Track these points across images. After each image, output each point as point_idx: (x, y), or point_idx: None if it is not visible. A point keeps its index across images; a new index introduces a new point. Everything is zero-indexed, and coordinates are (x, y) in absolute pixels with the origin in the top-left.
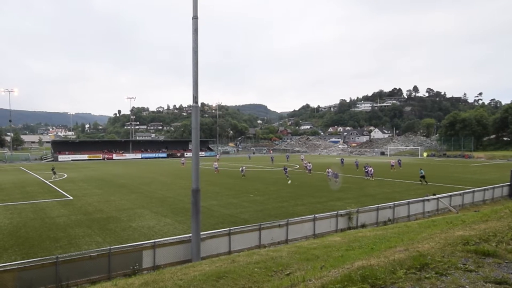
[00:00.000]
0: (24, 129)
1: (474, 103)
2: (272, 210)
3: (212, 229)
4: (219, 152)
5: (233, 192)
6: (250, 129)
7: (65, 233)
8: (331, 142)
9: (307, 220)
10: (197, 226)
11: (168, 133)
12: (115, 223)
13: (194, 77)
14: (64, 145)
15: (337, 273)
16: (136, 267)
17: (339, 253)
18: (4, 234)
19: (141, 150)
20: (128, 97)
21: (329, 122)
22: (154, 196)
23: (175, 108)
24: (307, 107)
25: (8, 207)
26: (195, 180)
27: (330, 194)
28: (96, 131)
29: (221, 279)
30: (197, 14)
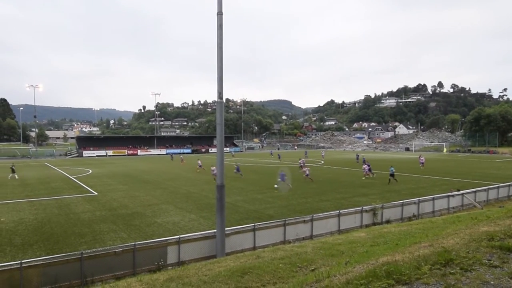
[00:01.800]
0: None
1: (499, 99)
2: (297, 206)
3: (237, 224)
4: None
5: (258, 188)
6: (275, 124)
7: (90, 228)
8: (356, 138)
9: (331, 215)
10: (222, 221)
11: (193, 129)
12: (140, 219)
13: (219, 73)
14: (89, 141)
15: (362, 269)
16: (161, 263)
17: (364, 248)
18: (29, 230)
19: (165, 146)
20: (153, 93)
21: (354, 118)
22: (179, 191)
23: (200, 103)
24: (332, 103)
25: (33, 203)
26: (220, 175)
27: (355, 190)
28: (121, 126)
29: (246, 274)
30: (221, 9)
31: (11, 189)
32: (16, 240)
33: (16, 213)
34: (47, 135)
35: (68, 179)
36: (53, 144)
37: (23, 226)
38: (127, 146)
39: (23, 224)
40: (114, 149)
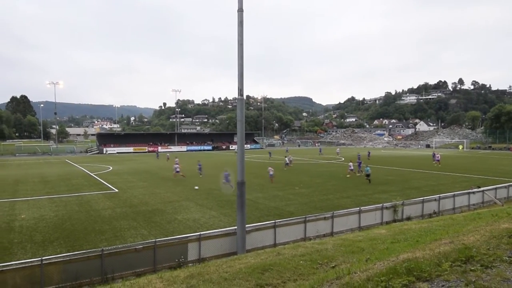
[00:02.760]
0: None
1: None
2: (318, 203)
3: (258, 221)
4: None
5: (278, 185)
6: (296, 121)
7: (110, 225)
8: (377, 134)
9: (352, 212)
10: (242, 218)
11: (213, 126)
12: (161, 216)
13: (239, 69)
14: (109, 138)
15: (382, 266)
16: (181, 260)
17: (384, 245)
18: (50, 226)
19: (186, 142)
20: (173, 90)
21: (374, 115)
22: (200, 188)
23: (220, 100)
24: (352, 100)
25: (53, 200)
26: (241, 172)
27: (375, 186)
28: (142, 123)
29: (266, 271)
30: (242, 6)
31: (31, 186)
32: (36, 237)
33: (36, 210)
34: (68, 132)
35: (89, 176)
36: (74, 141)
37: (44, 223)
38: (147, 143)
39: (43, 221)
40: (134, 146)
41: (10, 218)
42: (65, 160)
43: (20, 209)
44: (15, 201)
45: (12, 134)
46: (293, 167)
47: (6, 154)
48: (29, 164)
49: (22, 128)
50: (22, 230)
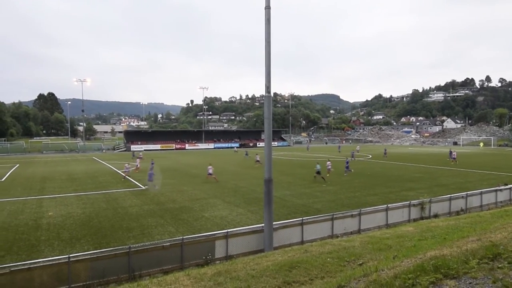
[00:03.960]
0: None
1: None
2: (345, 200)
3: (285, 219)
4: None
5: (305, 182)
6: (323, 119)
7: (138, 223)
8: (404, 132)
9: (379, 210)
10: (269, 216)
11: (241, 123)
12: (188, 213)
13: (266, 67)
14: (137, 135)
15: (409, 263)
16: (208, 257)
17: (411, 243)
18: (77, 224)
19: (213, 140)
20: (200, 87)
21: (401, 112)
22: (227, 186)
23: (248, 98)
24: (380, 97)
25: (81, 197)
26: (268, 170)
27: (402, 184)
28: (169, 121)
29: (293, 269)
30: (269, 4)
31: (59, 183)
32: (64, 234)
33: (64, 207)
34: (95, 129)
35: (116, 174)
36: (101, 139)
37: (71, 220)
38: (175, 140)
39: (71, 218)
40: (162, 143)
41: (38, 215)
42: (93, 157)
43: (48, 207)
44: (43, 198)
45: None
46: (321, 164)
47: (34, 151)
48: (56, 161)
49: (49, 126)
50: (49, 228)
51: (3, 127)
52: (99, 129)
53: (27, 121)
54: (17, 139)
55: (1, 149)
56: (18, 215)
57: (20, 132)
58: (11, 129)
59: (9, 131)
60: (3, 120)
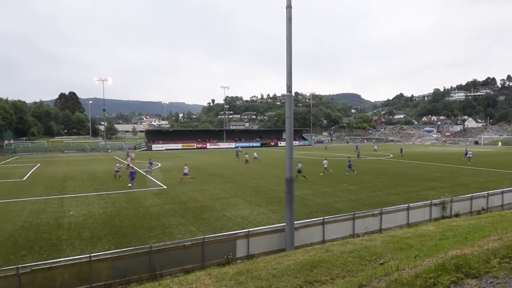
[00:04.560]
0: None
1: None
2: (366, 199)
3: (306, 218)
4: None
5: (326, 181)
6: (344, 118)
7: (159, 222)
8: (425, 131)
9: (400, 209)
10: (291, 215)
11: (262, 122)
12: (209, 212)
13: (288, 66)
14: (158, 134)
15: (431, 262)
16: (230, 256)
17: (432, 242)
18: (98, 223)
19: (234, 139)
20: (222, 87)
21: (422, 111)
22: (248, 185)
23: (269, 97)
24: (401, 96)
25: (102, 196)
26: (289, 169)
27: (423, 183)
28: (190, 120)
29: (315, 268)
30: (291, 3)
31: (80, 182)
32: (85, 233)
33: (85, 206)
34: (116, 128)
35: (137, 173)
36: (122, 138)
37: (92, 219)
38: (196, 140)
39: (92, 218)
40: (183, 142)
41: (59, 214)
42: (114, 156)
43: (69, 206)
44: (64, 197)
45: (61, 131)
46: (341, 164)
47: (55, 150)
48: (77, 160)
49: (70, 125)
50: (70, 227)
51: (25, 127)
52: (120, 128)
53: (49, 121)
54: (38, 139)
55: (23, 149)
56: (40, 215)
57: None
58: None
59: (31, 131)
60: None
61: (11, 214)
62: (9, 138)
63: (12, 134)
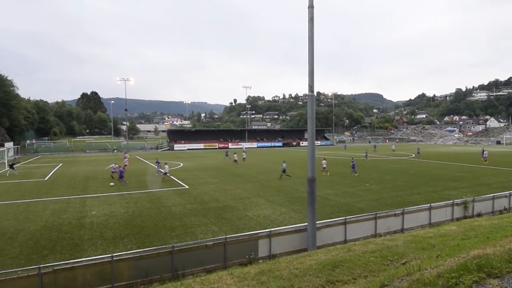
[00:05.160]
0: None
1: None
2: (388, 199)
3: (328, 218)
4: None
5: (349, 181)
6: (366, 118)
7: (181, 222)
8: (447, 131)
9: (422, 209)
10: (313, 215)
11: (284, 122)
12: (231, 212)
13: (310, 66)
14: (180, 134)
15: (452, 262)
16: (252, 256)
17: (454, 242)
18: (120, 223)
19: (256, 139)
20: (244, 86)
21: (444, 111)
22: (270, 185)
23: (291, 97)
24: (423, 96)
25: (123, 196)
26: (311, 169)
27: (445, 183)
28: (212, 120)
29: (337, 268)
30: (313, 3)
31: (101, 182)
32: (107, 233)
33: (107, 206)
34: (138, 128)
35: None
36: (144, 138)
37: (114, 219)
38: (218, 140)
39: (114, 218)
40: (205, 142)
41: (81, 214)
42: (136, 156)
43: (91, 206)
44: (86, 197)
45: (83, 131)
46: (363, 163)
47: (77, 150)
48: (99, 160)
49: (92, 125)
50: (92, 227)
51: (47, 126)
52: (142, 128)
53: (71, 120)
54: (60, 138)
55: (45, 148)
56: (62, 214)
57: (63, 131)
58: (55, 128)
59: (53, 130)
60: (47, 119)
61: (33, 214)
62: (31, 138)
63: (34, 134)
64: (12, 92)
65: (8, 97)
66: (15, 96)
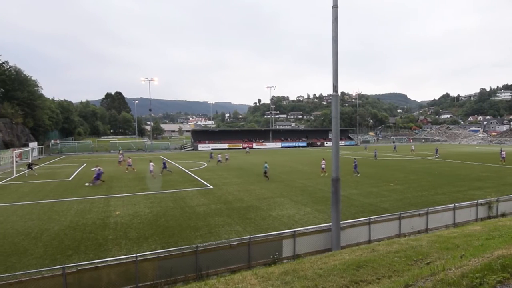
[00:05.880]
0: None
1: None
2: (412, 199)
3: (352, 218)
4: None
5: (373, 181)
6: (390, 118)
7: (205, 222)
8: (471, 131)
9: (447, 209)
10: (337, 215)
11: (308, 122)
12: (255, 212)
13: (334, 66)
14: (204, 134)
15: (477, 262)
16: (276, 256)
17: (479, 242)
18: (144, 223)
19: (281, 139)
20: (268, 86)
21: (469, 111)
22: (294, 185)
23: (315, 97)
24: (447, 96)
25: (148, 196)
26: (335, 169)
27: (470, 183)
28: (236, 120)
29: (361, 268)
30: (337, 3)
31: (126, 182)
32: (131, 233)
33: (131, 206)
34: (162, 128)
35: (183, 173)
36: (168, 138)
37: (138, 219)
38: (242, 140)
39: (138, 218)
40: (229, 142)
41: (105, 214)
42: (160, 156)
43: (115, 206)
44: (110, 197)
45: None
46: (387, 163)
47: (101, 150)
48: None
49: (116, 125)
50: (116, 227)
51: (71, 126)
52: (166, 128)
53: (95, 120)
54: (84, 138)
55: (69, 148)
56: (86, 214)
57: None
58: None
59: (77, 130)
60: (71, 119)
61: (57, 214)
62: (55, 138)
63: (58, 134)
64: (36, 92)
65: (32, 97)
66: (39, 96)
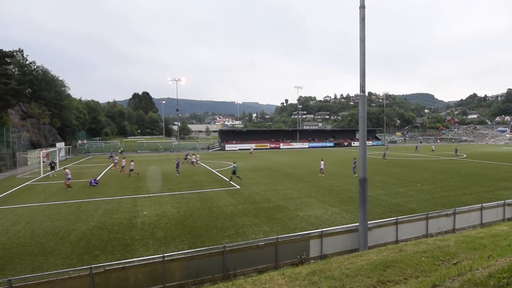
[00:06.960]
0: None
1: None
2: (439, 199)
3: (379, 218)
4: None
5: (400, 182)
6: (417, 118)
7: (232, 222)
8: (498, 131)
9: (474, 209)
10: (364, 215)
11: (335, 122)
12: (282, 212)
13: (361, 66)
14: (231, 134)
15: (504, 262)
16: (303, 256)
17: (506, 242)
18: (172, 223)
19: (308, 139)
20: (295, 87)
21: (496, 111)
22: (321, 185)
23: (342, 97)
24: (474, 96)
25: (175, 196)
26: (363, 169)
27: (497, 183)
28: (263, 120)
29: (388, 268)
30: (364, 3)
31: (152, 182)
32: (158, 233)
33: (158, 206)
34: (190, 128)
35: (210, 173)
36: (195, 138)
37: (166, 219)
38: (269, 140)
39: (165, 218)
40: (256, 142)
41: (132, 214)
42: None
43: (142, 206)
44: (137, 197)
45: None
46: (413, 164)
47: (128, 150)
48: (151, 160)
49: (144, 125)
50: (144, 227)
51: (98, 126)
52: (193, 128)
53: (122, 120)
54: (111, 138)
55: (96, 148)
56: (113, 214)
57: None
58: (106, 128)
59: (104, 130)
60: (98, 119)
61: (84, 214)
62: (82, 138)
63: (85, 134)
64: (63, 92)
65: (59, 97)
66: (67, 96)
